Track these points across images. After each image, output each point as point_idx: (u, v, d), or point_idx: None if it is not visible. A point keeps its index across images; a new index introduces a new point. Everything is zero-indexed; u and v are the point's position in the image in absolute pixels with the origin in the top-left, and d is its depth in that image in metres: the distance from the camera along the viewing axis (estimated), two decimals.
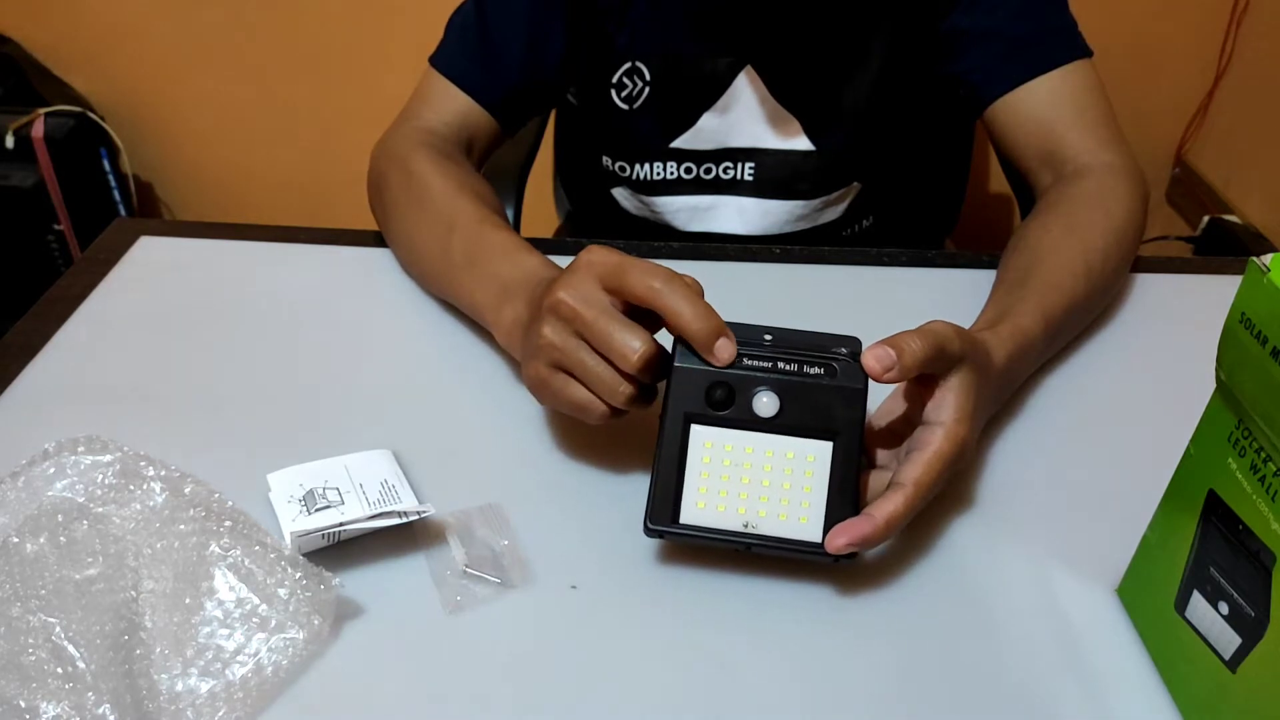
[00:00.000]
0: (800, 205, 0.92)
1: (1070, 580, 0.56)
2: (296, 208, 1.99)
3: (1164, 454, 0.51)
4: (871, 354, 0.51)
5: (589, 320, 0.54)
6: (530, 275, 0.64)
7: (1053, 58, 0.82)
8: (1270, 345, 0.40)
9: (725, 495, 0.53)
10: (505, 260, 0.67)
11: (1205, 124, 1.81)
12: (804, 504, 0.53)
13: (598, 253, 0.56)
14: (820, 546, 0.52)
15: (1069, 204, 0.76)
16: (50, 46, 1.84)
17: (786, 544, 0.53)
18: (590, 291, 0.54)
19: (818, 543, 0.52)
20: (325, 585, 0.51)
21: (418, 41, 0.95)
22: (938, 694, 0.50)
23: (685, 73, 0.87)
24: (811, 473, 0.53)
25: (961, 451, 0.54)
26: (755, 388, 0.53)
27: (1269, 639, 0.42)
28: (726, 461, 0.53)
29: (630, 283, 0.54)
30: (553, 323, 0.55)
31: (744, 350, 0.53)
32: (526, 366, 0.58)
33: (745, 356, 0.53)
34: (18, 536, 0.52)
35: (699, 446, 0.53)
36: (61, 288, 0.78)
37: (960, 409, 0.54)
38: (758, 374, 0.53)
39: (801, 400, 0.53)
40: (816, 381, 0.53)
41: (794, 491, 0.53)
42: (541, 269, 0.64)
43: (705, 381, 0.53)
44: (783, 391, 0.53)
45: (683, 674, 0.50)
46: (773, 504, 0.53)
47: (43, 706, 0.46)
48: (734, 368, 0.53)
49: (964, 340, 0.55)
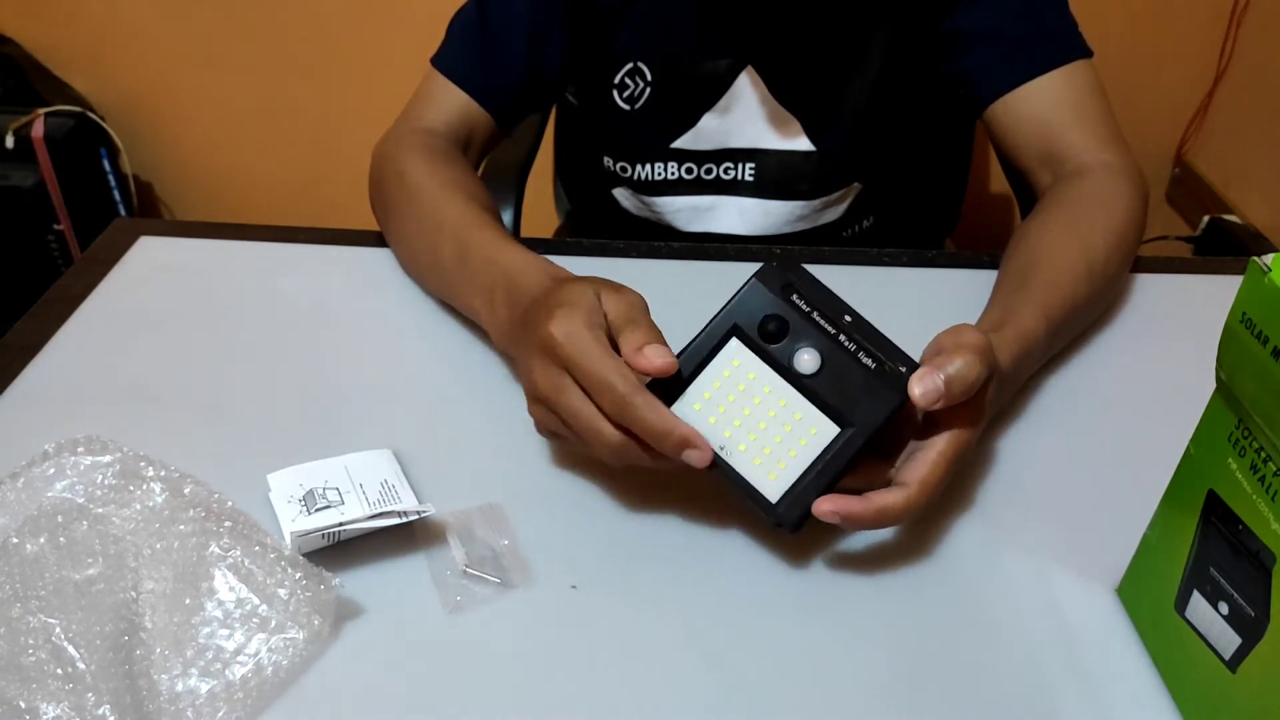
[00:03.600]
0: (801, 205, 0.92)
1: (1070, 580, 0.56)
2: (296, 208, 1.99)
3: (1164, 454, 0.51)
4: (919, 385, 0.51)
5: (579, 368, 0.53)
6: (511, 277, 0.64)
7: (1053, 58, 0.82)
8: (1271, 345, 0.40)
9: (722, 411, 0.54)
10: (488, 262, 0.67)
11: (1205, 124, 1.81)
12: (780, 463, 0.53)
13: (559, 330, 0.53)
14: (773, 505, 0.53)
15: (1070, 204, 0.76)
16: (50, 46, 1.84)
17: (744, 485, 0.53)
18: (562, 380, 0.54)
19: (771, 501, 0.53)
20: (325, 585, 0.51)
21: (418, 42, 0.95)
22: (937, 694, 0.50)
23: (686, 73, 0.87)
24: (805, 442, 0.53)
25: (965, 454, 0.55)
26: (806, 341, 0.53)
27: (1269, 639, 0.42)
28: (741, 386, 0.54)
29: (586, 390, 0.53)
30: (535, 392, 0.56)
31: (819, 312, 0.54)
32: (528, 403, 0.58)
33: (818, 314, 0.54)
34: (18, 537, 0.52)
35: (727, 359, 0.54)
36: (61, 288, 0.78)
37: (967, 411, 0.54)
38: (816, 331, 0.53)
39: (839, 377, 0.53)
40: (862, 369, 0.53)
41: (780, 447, 0.53)
42: (523, 269, 0.64)
43: (767, 309, 0.54)
44: (827, 359, 0.53)
45: (683, 674, 0.50)
46: (756, 445, 0.53)
47: (43, 707, 0.46)
48: (801, 316, 0.53)
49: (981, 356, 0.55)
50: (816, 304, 0.54)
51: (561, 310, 0.55)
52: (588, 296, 0.56)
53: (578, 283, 0.58)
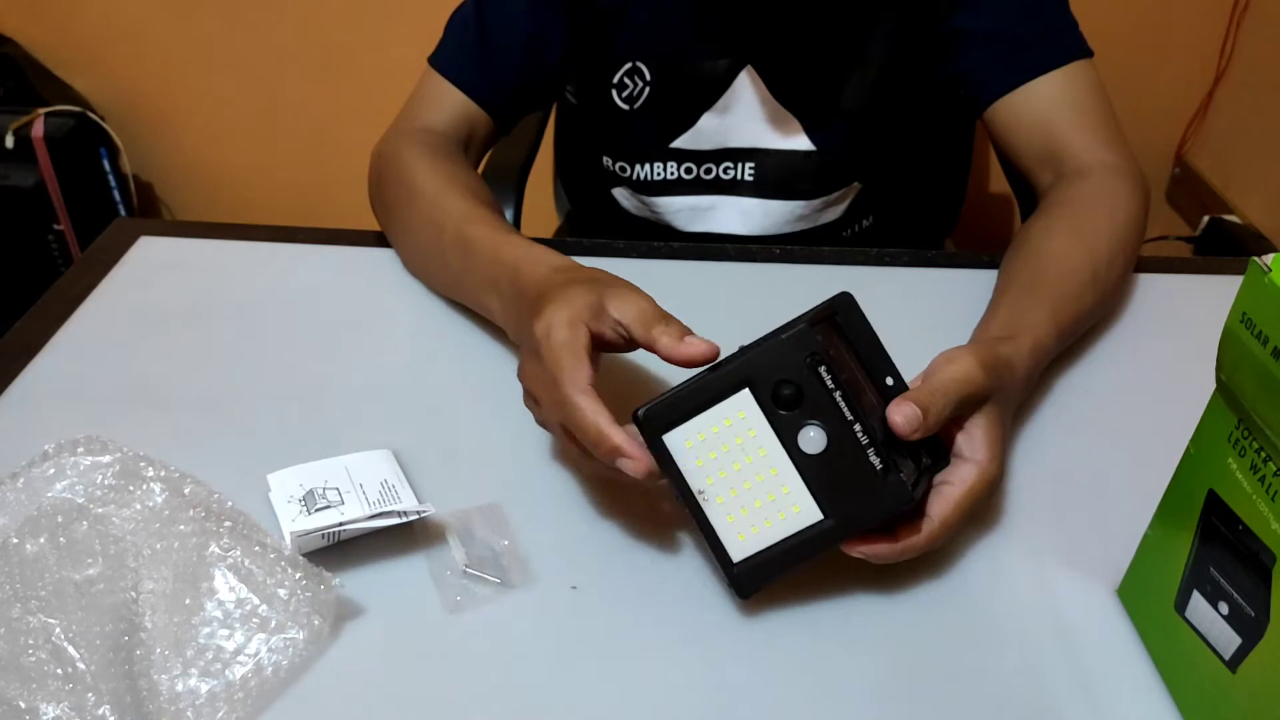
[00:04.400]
0: (800, 205, 0.92)
1: (1070, 580, 0.56)
2: (296, 208, 1.99)
3: (1164, 454, 0.51)
4: (898, 411, 0.49)
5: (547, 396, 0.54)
6: (513, 271, 0.64)
7: (1053, 58, 0.82)
8: (1271, 345, 0.40)
9: (713, 457, 0.51)
10: (490, 258, 0.67)
11: (1205, 124, 1.81)
12: (754, 529, 0.51)
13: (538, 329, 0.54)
14: (732, 564, 0.52)
15: (1072, 205, 0.76)
16: (50, 46, 1.84)
17: (712, 535, 0.52)
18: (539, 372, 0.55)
19: (732, 560, 0.52)
20: (325, 585, 0.51)
21: (418, 42, 0.95)
22: (937, 694, 0.50)
23: (685, 73, 0.87)
24: (785, 516, 0.51)
25: (991, 488, 0.55)
26: (817, 420, 0.50)
27: (1269, 639, 0.42)
28: (739, 440, 0.51)
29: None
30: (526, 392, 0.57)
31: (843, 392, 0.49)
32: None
33: (841, 394, 0.49)
34: (18, 537, 0.52)
35: (733, 408, 0.50)
36: (61, 288, 0.78)
37: (992, 446, 0.54)
38: (832, 412, 0.50)
39: (840, 468, 0.50)
40: (867, 467, 0.49)
41: (758, 513, 0.51)
42: (523, 262, 0.64)
43: (788, 373, 0.50)
44: (833, 445, 0.50)
45: (682, 674, 0.50)
46: (734, 502, 0.51)
47: (43, 707, 0.46)
48: (822, 391, 0.49)
49: (989, 374, 0.55)
50: (843, 379, 0.49)
51: (551, 306, 0.55)
52: (582, 297, 0.55)
53: (575, 284, 0.57)
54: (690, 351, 0.52)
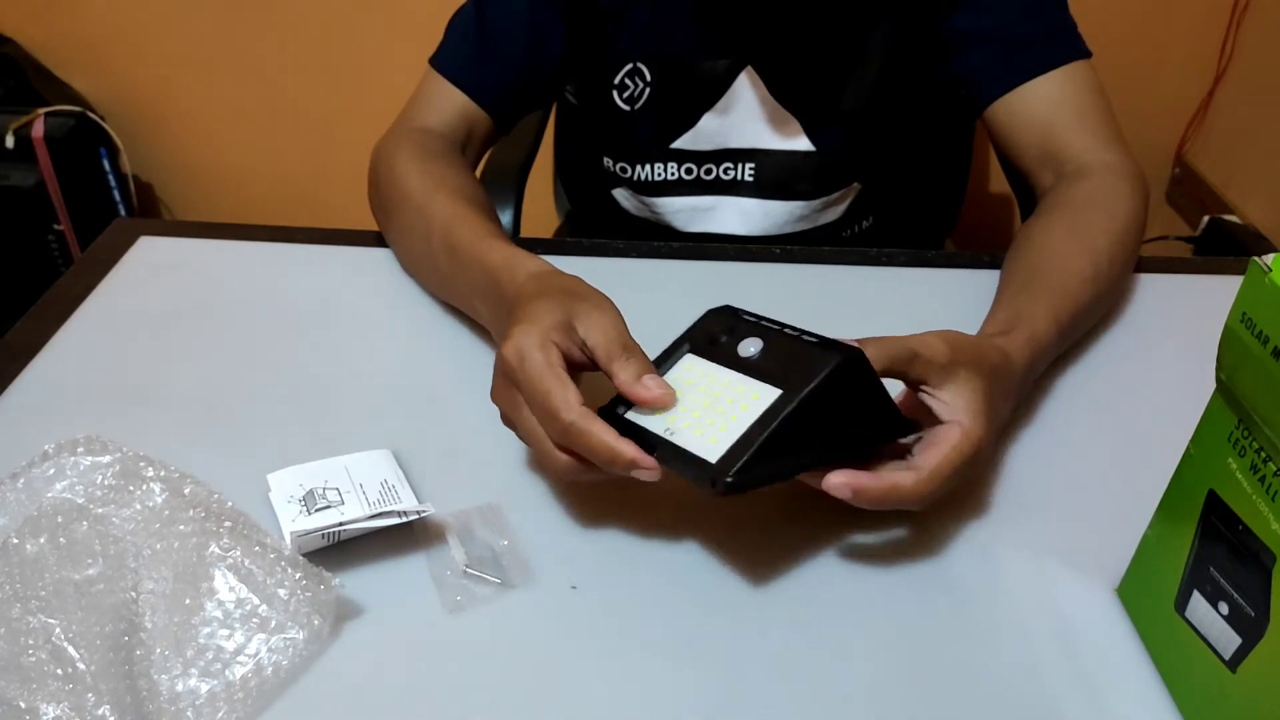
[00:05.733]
0: (800, 206, 0.92)
1: (1070, 580, 0.56)
2: (296, 208, 1.99)
3: (1164, 454, 0.51)
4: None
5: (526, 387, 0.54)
6: (493, 277, 0.64)
7: (1053, 58, 0.82)
8: (1271, 345, 0.40)
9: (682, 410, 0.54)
10: (473, 263, 0.67)
11: (1205, 124, 1.81)
12: (722, 428, 0.52)
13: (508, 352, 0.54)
14: (710, 465, 0.51)
15: (1072, 205, 0.76)
16: (50, 46, 1.84)
17: (685, 456, 0.52)
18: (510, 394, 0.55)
19: (710, 462, 0.51)
20: (325, 585, 0.51)
21: (418, 42, 0.95)
22: (937, 694, 0.50)
23: (685, 74, 0.87)
24: (746, 407, 0.53)
25: (978, 452, 0.54)
26: (751, 334, 0.56)
27: (1269, 639, 0.42)
28: (690, 382, 0.56)
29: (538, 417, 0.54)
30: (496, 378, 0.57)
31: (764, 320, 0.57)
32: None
33: (765, 321, 0.56)
34: (18, 537, 0.52)
35: (682, 369, 0.57)
36: (61, 288, 0.78)
37: (973, 407, 0.54)
38: (762, 327, 0.56)
39: (782, 354, 0.54)
40: (805, 344, 0.54)
41: (722, 417, 0.53)
42: (502, 269, 0.64)
43: (717, 325, 0.58)
44: (770, 343, 0.55)
45: (683, 674, 0.50)
46: (698, 421, 0.53)
47: (43, 708, 0.46)
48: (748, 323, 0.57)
49: (953, 348, 0.55)
50: (762, 317, 0.57)
51: (519, 328, 0.55)
52: (550, 315, 0.55)
53: (543, 299, 0.57)
54: (644, 395, 0.53)
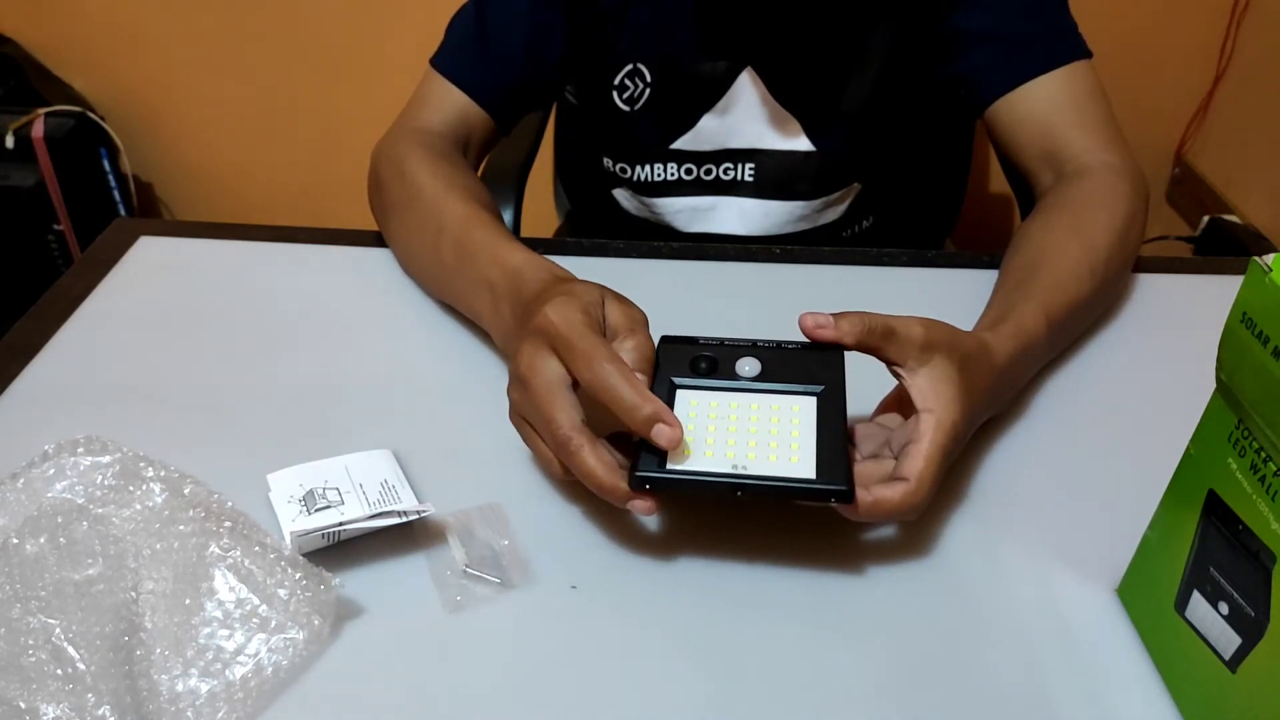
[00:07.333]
0: (800, 206, 0.92)
1: (1070, 580, 0.56)
2: (296, 208, 1.99)
3: (1164, 454, 0.51)
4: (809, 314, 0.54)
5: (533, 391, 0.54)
6: (514, 276, 0.64)
7: (1053, 58, 0.82)
8: (1271, 345, 0.40)
9: (713, 444, 0.53)
10: (490, 261, 0.67)
11: (1205, 124, 1.81)
12: (793, 446, 0.52)
13: (554, 314, 0.54)
14: (814, 482, 0.51)
15: (1071, 204, 0.76)
16: (50, 46, 1.84)
17: (778, 481, 0.51)
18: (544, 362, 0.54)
19: (811, 478, 0.51)
20: (325, 585, 0.51)
21: (418, 42, 0.95)
22: (937, 694, 0.50)
23: (685, 74, 0.87)
24: (799, 420, 0.53)
25: (955, 440, 0.54)
26: (738, 356, 0.56)
27: (1269, 639, 0.42)
28: (712, 415, 0.54)
29: (570, 364, 0.53)
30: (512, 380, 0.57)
31: (726, 341, 0.57)
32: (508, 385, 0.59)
33: (727, 342, 0.57)
34: (18, 537, 0.52)
35: (685, 406, 0.55)
36: (61, 288, 0.78)
37: (946, 393, 0.54)
38: (740, 348, 0.57)
39: (784, 364, 0.55)
40: (795, 350, 0.56)
41: (782, 437, 0.53)
42: (525, 268, 0.64)
43: (690, 354, 0.57)
44: (764, 359, 0.56)
45: (683, 674, 0.50)
46: (762, 448, 0.53)
47: (43, 708, 0.46)
48: (718, 347, 0.57)
49: (929, 328, 0.55)
50: (721, 340, 0.58)
51: (561, 298, 0.55)
52: (592, 293, 0.57)
53: (584, 282, 0.59)
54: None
